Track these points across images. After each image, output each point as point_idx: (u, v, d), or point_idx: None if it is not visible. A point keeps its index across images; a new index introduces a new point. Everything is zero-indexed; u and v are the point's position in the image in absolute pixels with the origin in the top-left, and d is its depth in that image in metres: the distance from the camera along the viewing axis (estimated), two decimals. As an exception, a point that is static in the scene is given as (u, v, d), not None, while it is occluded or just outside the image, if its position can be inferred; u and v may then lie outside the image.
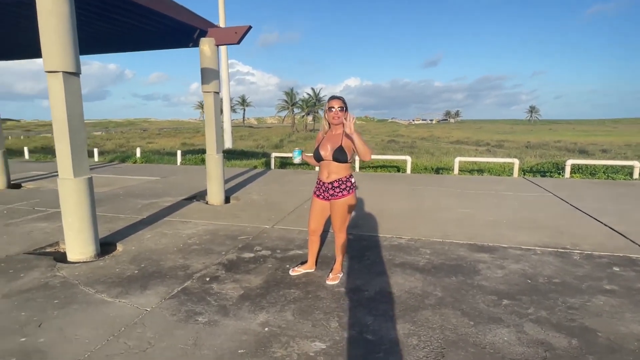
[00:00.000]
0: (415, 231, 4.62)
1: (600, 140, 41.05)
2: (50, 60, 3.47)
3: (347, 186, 3.05)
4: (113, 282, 3.24)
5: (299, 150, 3.17)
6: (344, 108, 3.01)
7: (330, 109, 3.01)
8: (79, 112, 3.70)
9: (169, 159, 13.14)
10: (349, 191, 3.05)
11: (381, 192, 7.19)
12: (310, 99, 63.24)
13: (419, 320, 2.59)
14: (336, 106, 2.99)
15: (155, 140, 41.92)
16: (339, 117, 3.00)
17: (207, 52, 5.90)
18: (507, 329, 2.48)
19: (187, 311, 2.73)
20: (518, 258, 3.74)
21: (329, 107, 3.02)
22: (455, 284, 3.15)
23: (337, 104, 2.99)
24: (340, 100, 3.02)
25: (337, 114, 2.99)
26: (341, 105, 2.99)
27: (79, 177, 3.72)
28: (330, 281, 3.17)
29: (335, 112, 2.99)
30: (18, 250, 4.02)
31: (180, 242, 4.27)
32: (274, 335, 2.42)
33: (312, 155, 3.17)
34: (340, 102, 3.01)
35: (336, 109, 2.99)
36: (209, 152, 6.31)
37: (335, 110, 2.99)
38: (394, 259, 3.70)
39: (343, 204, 3.05)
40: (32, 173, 9.86)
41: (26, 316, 2.67)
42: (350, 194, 3.06)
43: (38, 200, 6.54)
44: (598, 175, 9.52)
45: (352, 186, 3.08)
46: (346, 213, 3.10)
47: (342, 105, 3.00)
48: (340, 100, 3.01)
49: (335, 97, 3.04)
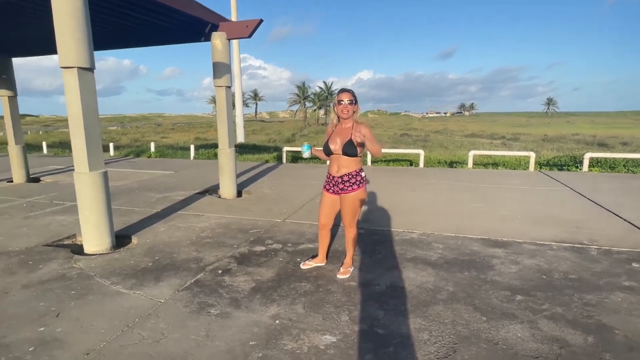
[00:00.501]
0: (427, 226, 4.57)
1: (620, 132, 39.89)
2: (65, 56, 3.52)
3: (357, 180, 3.02)
4: (128, 274, 3.30)
5: (308, 145, 3.15)
6: (354, 101, 2.97)
7: (339, 102, 2.98)
8: (93, 107, 3.76)
9: (182, 153, 13.30)
10: (359, 185, 3.02)
11: (393, 186, 7.14)
12: (322, 93, 63.01)
13: (431, 315, 2.56)
14: (345, 99, 2.96)
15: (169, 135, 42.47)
16: (348, 111, 2.97)
17: (219, 46, 5.91)
18: (520, 325, 2.44)
19: (200, 303, 2.77)
20: (533, 253, 3.67)
21: (338, 101, 2.99)
22: (468, 279, 3.11)
23: (346, 97, 2.96)
24: (350, 93, 2.98)
25: (346, 107, 2.96)
26: (350, 99, 2.96)
27: (95, 171, 3.79)
28: (341, 275, 3.17)
29: (345, 105, 2.96)
30: (37, 242, 4.13)
31: (193, 235, 4.32)
32: (284, 327, 2.43)
33: (322, 149, 3.15)
34: (350, 95, 2.97)
35: (345, 103, 2.96)
36: (221, 146, 6.35)
37: (344, 104, 2.96)
38: (406, 254, 3.68)
39: (353, 198, 3.04)
40: (50, 167, 10.10)
41: (44, 306, 2.75)
42: (361, 188, 3.04)
43: (56, 193, 6.70)
44: (617, 168, 9.27)
45: (362, 180, 3.06)
46: (356, 207, 3.08)
47: (351, 99, 2.96)
48: (349, 93, 2.98)
49: (345, 90, 3.01)
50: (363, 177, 3.07)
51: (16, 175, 7.96)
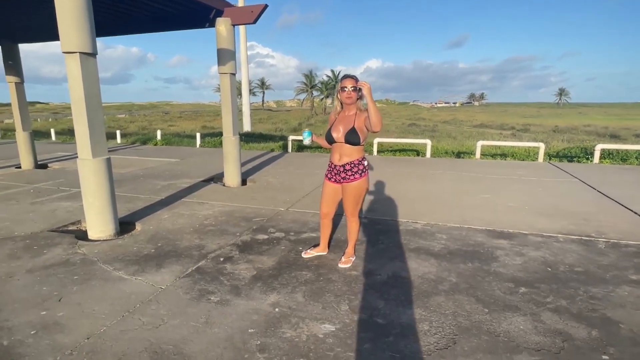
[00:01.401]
0: (432, 216, 4.52)
1: (634, 124, 39.04)
2: (67, 41, 3.49)
3: (360, 169, 2.97)
4: (130, 260, 3.32)
5: (309, 131, 3.07)
6: (356, 88, 2.91)
7: (342, 89, 2.92)
8: (96, 92, 3.74)
9: (189, 141, 13.31)
10: (361, 174, 2.97)
11: (399, 176, 7.07)
12: (330, 82, 62.46)
13: (432, 306, 2.54)
14: (349, 86, 2.89)
15: (177, 123, 42.59)
16: (351, 98, 2.90)
17: (223, 32, 5.84)
18: (523, 317, 2.41)
19: (200, 290, 2.77)
20: (538, 245, 3.61)
21: (342, 87, 2.93)
22: (471, 270, 3.07)
23: (349, 84, 2.89)
24: (353, 80, 2.91)
25: (350, 94, 2.90)
26: (354, 85, 2.89)
27: (98, 158, 3.79)
28: (343, 264, 3.15)
29: (348, 92, 2.89)
30: (42, 228, 4.17)
31: (196, 223, 4.32)
32: (284, 316, 2.43)
33: (324, 137, 3.10)
34: (353, 81, 2.90)
35: (349, 89, 2.89)
36: (225, 134, 6.32)
37: (348, 90, 2.89)
38: (409, 244, 3.64)
39: (355, 187, 2.99)
40: (58, 154, 10.18)
41: (47, 291, 2.77)
42: (363, 177, 2.99)
43: (62, 180, 6.75)
44: (630, 160, 9.07)
45: (365, 169, 3.01)
46: (358, 197, 3.04)
47: (355, 85, 2.89)
48: (352, 80, 2.90)
49: (348, 76, 2.93)
50: (365, 165, 3.02)
51: (24, 162, 8.04)
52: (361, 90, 2.90)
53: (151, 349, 2.11)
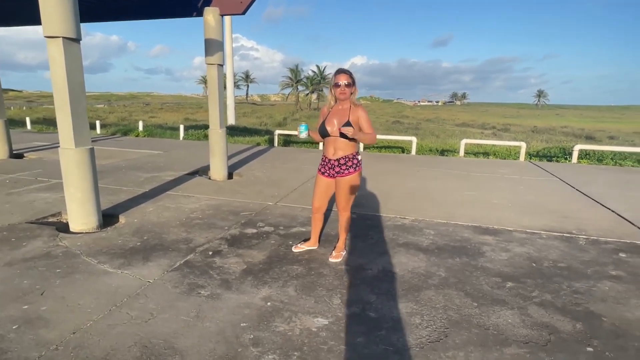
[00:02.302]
0: (419, 212, 4.57)
1: (608, 127, 40.52)
2: (50, 25, 3.35)
3: (354, 163, 2.97)
4: (115, 253, 3.23)
5: (306, 125, 2.97)
6: (351, 83, 2.89)
7: (336, 85, 2.90)
8: (79, 79, 3.60)
9: (172, 133, 13.04)
10: (354, 169, 2.98)
11: (386, 172, 7.12)
12: (315, 77, 62.19)
13: (422, 300, 2.57)
14: (342, 82, 2.87)
15: (158, 114, 41.71)
16: (345, 94, 2.89)
17: (211, 22, 5.72)
18: (511, 311, 2.46)
19: (190, 284, 2.72)
20: (523, 241, 3.70)
21: (335, 83, 2.90)
22: (459, 265, 3.12)
23: (343, 80, 2.87)
24: (347, 75, 2.89)
25: (343, 90, 2.89)
26: (348, 81, 2.87)
27: (81, 147, 3.66)
28: (333, 259, 3.15)
29: (342, 88, 2.88)
30: (20, 220, 4.01)
31: (182, 216, 4.24)
32: (276, 310, 2.41)
33: (317, 131, 3.06)
34: (347, 76, 2.88)
35: (342, 86, 2.88)
36: (212, 126, 6.22)
37: (341, 87, 2.88)
38: (398, 239, 3.67)
39: (349, 181, 2.99)
40: (35, 144, 9.81)
41: (28, 284, 2.67)
42: (357, 171, 3.00)
43: (40, 170, 6.51)
44: (605, 161, 9.40)
45: (359, 163, 3.01)
46: (352, 191, 3.04)
47: (348, 81, 2.88)
48: (346, 75, 2.89)
49: (342, 72, 2.91)
50: (359, 160, 3.02)
51: (-2, 151, 7.70)
52: (354, 84, 2.90)
53: (141, 343, 2.06)
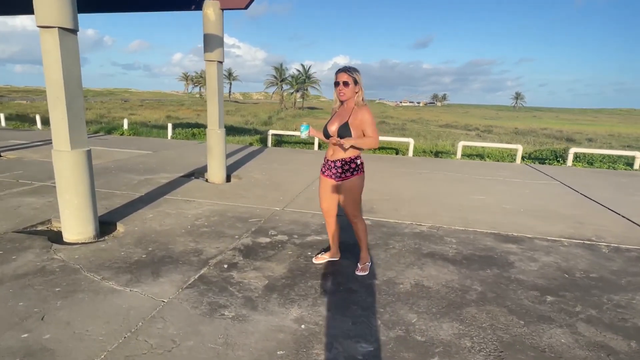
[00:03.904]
0: (434, 218, 4.42)
1: (584, 129, 41.84)
2: (44, 14, 3.02)
3: (352, 168, 2.77)
4: (120, 267, 2.93)
5: (307, 125, 2.82)
6: (350, 82, 2.68)
7: (335, 84, 2.72)
8: (76, 74, 3.27)
9: (158, 132, 12.55)
10: (352, 173, 2.77)
11: (388, 175, 6.96)
12: (300, 76, 61.76)
13: (466, 319, 2.39)
14: (340, 81, 2.69)
15: (138, 111, 40.49)
16: (344, 94, 2.70)
17: (211, 17, 5.41)
18: (560, 329, 2.32)
19: (210, 303, 2.46)
20: (547, 250, 3.59)
21: (335, 82, 2.72)
22: (492, 278, 2.97)
23: (341, 79, 2.68)
24: (346, 74, 2.68)
25: (341, 90, 2.70)
26: (346, 80, 2.67)
27: (77, 149, 3.33)
28: (360, 272, 2.94)
29: (340, 88, 2.70)
30: (6, 228, 3.63)
31: (187, 223, 3.95)
32: (313, 334, 2.18)
33: (322, 131, 2.89)
34: (346, 75, 2.68)
35: (340, 85, 2.69)
36: (210, 126, 5.91)
37: (340, 86, 2.70)
38: (421, 248, 3.50)
39: (348, 186, 2.79)
40: (11, 142, 9.19)
41: (25, 306, 2.35)
42: (355, 175, 2.78)
43: (21, 171, 6.04)
44: (596, 164, 9.56)
45: (358, 168, 2.79)
46: (354, 196, 2.82)
47: (347, 80, 2.67)
48: (345, 74, 2.68)
49: (341, 70, 2.71)
50: (359, 164, 2.80)
51: (-28, 150, 7.15)
52: (357, 83, 2.70)
53: (168, 379, 1.80)
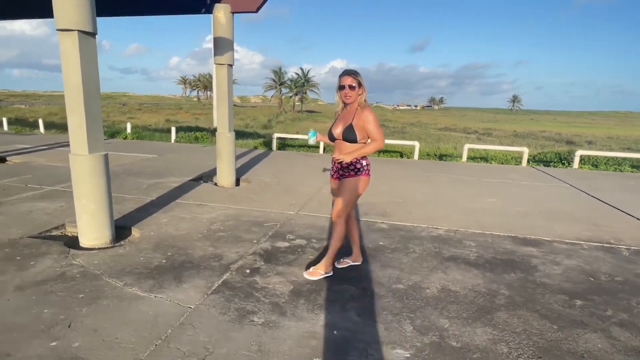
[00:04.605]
0: (449, 221, 4.39)
1: (582, 131, 42.06)
2: (64, 17, 2.99)
3: (356, 168, 2.75)
4: (141, 273, 2.88)
5: (314, 131, 2.89)
6: (355, 85, 2.68)
7: (341, 87, 2.72)
8: (94, 78, 3.24)
9: (160, 135, 12.50)
10: (356, 173, 2.75)
11: (398, 178, 6.94)
12: (299, 79, 61.80)
13: (499, 323, 2.36)
14: (347, 84, 2.69)
15: (137, 115, 40.45)
16: (350, 97, 2.70)
17: (222, 20, 5.39)
18: (595, 334, 2.29)
19: (238, 309, 2.42)
20: (568, 253, 3.57)
21: (340, 85, 2.73)
22: (518, 282, 2.94)
23: (347, 82, 2.69)
24: (351, 77, 2.69)
25: (347, 93, 2.70)
26: (351, 83, 2.68)
27: (95, 154, 3.30)
28: (307, 275, 2.87)
29: (346, 91, 2.70)
30: (21, 234, 3.57)
31: (202, 228, 3.90)
32: (346, 340, 2.14)
33: (327, 135, 2.91)
34: (351, 78, 2.68)
35: (347, 88, 2.70)
36: (220, 130, 5.87)
37: (346, 89, 2.70)
38: (442, 252, 3.47)
39: (348, 185, 2.77)
40: (15, 146, 9.13)
41: (50, 314, 2.30)
42: (358, 175, 2.75)
43: (29, 176, 5.99)
44: (601, 166, 9.58)
45: (362, 169, 2.76)
46: (350, 196, 2.78)
47: (352, 83, 2.68)
48: (351, 77, 2.69)
49: (346, 73, 2.71)
50: (363, 165, 2.77)
51: (-23, 154, 7.09)
52: (361, 86, 2.70)
53: (206, 388, 1.76)
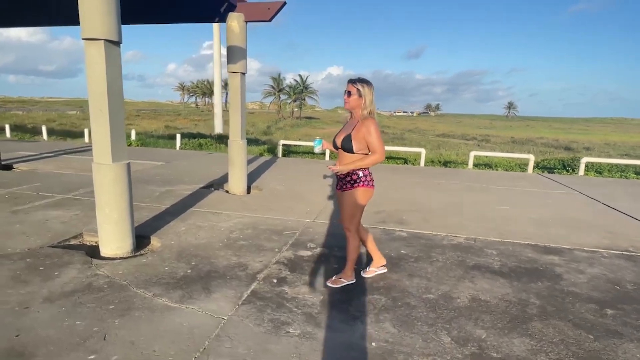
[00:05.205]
0: (466, 229, 4.40)
1: (579, 138, 42.40)
2: (91, 27, 2.99)
3: (354, 179, 2.72)
4: (168, 283, 2.85)
5: (320, 140, 2.90)
6: (353, 93, 2.67)
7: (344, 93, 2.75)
8: (119, 86, 3.23)
9: (165, 142, 12.48)
10: (353, 184, 2.72)
11: (408, 185, 6.95)
12: (298, 86, 62.00)
13: (535, 333, 2.35)
14: (346, 90, 2.72)
15: (136, 122, 40.34)
16: (348, 104, 2.72)
17: (236, 29, 5.42)
18: (632, 343, 2.28)
19: (272, 320, 2.40)
20: (590, 261, 3.57)
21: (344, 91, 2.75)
22: (546, 291, 2.94)
23: (347, 88, 2.71)
24: (351, 84, 2.68)
25: (345, 99, 2.73)
26: (349, 90, 2.69)
27: (118, 162, 3.27)
28: (330, 283, 2.88)
29: (345, 97, 2.73)
30: (40, 243, 3.53)
31: (222, 237, 3.88)
32: (387, 352, 2.13)
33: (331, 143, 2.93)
34: (351, 85, 2.68)
35: (345, 95, 2.72)
36: (232, 137, 5.87)
37: (345, 96, 2.73)
38: (465, 261, 3.47)
39: (348, 197, 2.75)
40: (21, 153, 9.07)
41: (83, 326, 2.27)
42: (356, 187, 2.72)
43: (39, 184, 5.94)
44: (605, 173, 9.65)
45: (360, 180, 2.71)
46: (351, 209, 2.76)
47: (350, 90, 2.68)
48: (351, 84, 2.69)
49: (350, 81, 2.72)
50: (360, 177, 2.71)
51: (-15, 162, 7.04)
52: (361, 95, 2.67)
53: (254, 402, 1.73)
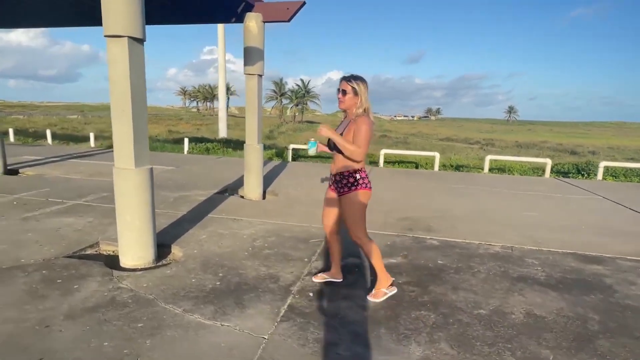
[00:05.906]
0: (499, 237, 4.20)
1: (582, 142, 42.27)
2: (113, 23, 2.81)
3: (350, 182, 2.57)
4: (197, 297, 2.65)
5: (314, 142, 2.76)
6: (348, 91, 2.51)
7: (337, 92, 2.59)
8: (142, 86, 3.05)
9: (172, 147, 12.30)
10: (349, 188, 2.57)
11: (426, 190, 6.76)
12: (300, 90, 61.96)
13: (604, 353, 2.15)
14: (339, 89, 2.56)
15: (138, 126, 40.11)
16: (342, 102, 2.56)
17: (254, 30, 5.25)
18: None
19: (316, 340, 2.19)
20: (637, 271, 3.37)
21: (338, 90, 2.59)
22: (601, 304, 2.74)
23: (341, 86, 2.56)
24: (345, 82, 2.53)
25: (339, 97, 2.57)
26: (344, 88, 2.53)
27: (141, 167, 3.08)
28: (371, 297, 2.69)
29: (339, 95, 2.57)
30: (55, 253, 3.33)
31: (246, 245, 3.68)
32: (450, 377, 1.93)
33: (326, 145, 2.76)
34: (345, 83, 2.53)
35: (339, 93, 2.57)
36: (248, 141, 5.69)
37: (338, 94, 2.57)
38: (508, 272, 3.26)
39: (347, 202, 2.59)
40: (26, 157, 8.88)
41: (112, 347, 2.07)
42: (353, 190, 2.56)
43: (47, 189, 5.74)
44: (620, 177, 9.47)
45: (357, 183, 2.56)
46: (353, 215, 2.60)
47: (345, 88, 2.52)
48: (345, 82, 2.53)
49: (343, 78, 2.57)
50: (357, 179, 2.56)
51: (-9, 166, 6.84)
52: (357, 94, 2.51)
53: None
